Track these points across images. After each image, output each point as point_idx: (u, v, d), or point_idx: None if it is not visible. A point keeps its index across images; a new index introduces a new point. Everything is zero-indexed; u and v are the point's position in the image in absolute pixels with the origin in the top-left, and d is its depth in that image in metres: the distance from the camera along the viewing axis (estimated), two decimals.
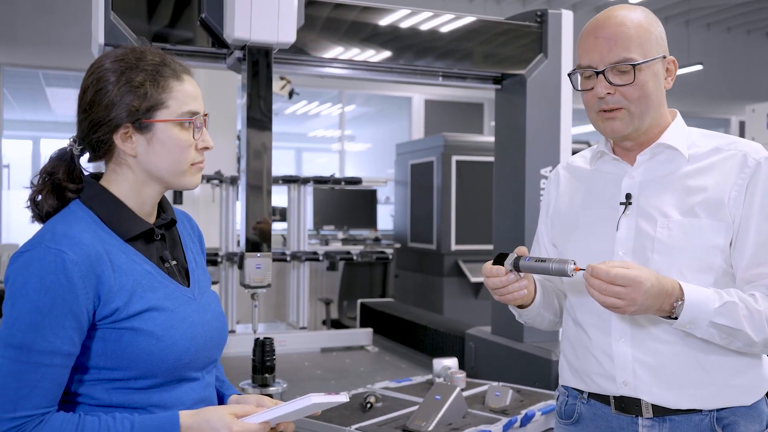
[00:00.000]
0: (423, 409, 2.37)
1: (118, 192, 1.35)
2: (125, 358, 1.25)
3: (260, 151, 2.75)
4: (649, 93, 1.51)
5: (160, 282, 1.33)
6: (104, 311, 1.25)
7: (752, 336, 1.41)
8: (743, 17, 10.63)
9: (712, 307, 1.40)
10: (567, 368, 1.67)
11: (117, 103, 1.31)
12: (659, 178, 1.55)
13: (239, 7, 2.55)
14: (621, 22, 1.51)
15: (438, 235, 6.40)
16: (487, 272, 1.51)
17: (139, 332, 1.26)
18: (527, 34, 3.31)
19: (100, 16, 2.54)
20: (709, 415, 1.49)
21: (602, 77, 1.51)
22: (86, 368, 1.26)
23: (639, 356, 1.51)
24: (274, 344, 2.77)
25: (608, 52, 1.50)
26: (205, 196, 5.82)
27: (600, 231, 1.58)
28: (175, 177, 1.37)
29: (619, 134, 1.55)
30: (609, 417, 1.56)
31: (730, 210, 1.47)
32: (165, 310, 1.30)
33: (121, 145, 1.33)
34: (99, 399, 1.26)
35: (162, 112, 1.33)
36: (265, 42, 2.65)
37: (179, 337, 1.30)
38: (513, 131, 3.37)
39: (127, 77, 1.32)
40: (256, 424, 1.25)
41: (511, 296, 1.52)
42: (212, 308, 1.42)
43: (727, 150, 1.53)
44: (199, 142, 1.38)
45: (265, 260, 2.70)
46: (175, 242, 1.45)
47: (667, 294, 1.39)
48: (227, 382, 1.54)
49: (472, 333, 3.56)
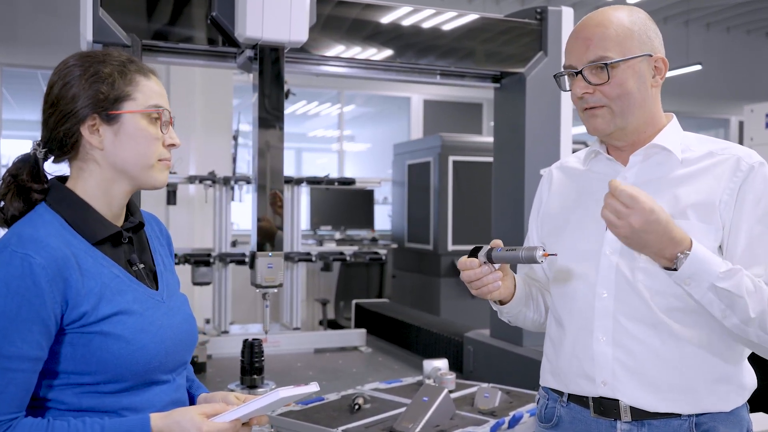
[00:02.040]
0: (410, 411, 2.37)
1: (85, 192, 1.35)
2: (94, 362, 1.24)
3: (271, 150, 2.73)
4: (630, 91, 1.50)
5: (129, 285, 1.32)
6: (72, 315, 1.24)
7: (750, 309, 1.37)
8: (743, 17, 10.60)
9: (717, 270, 1.36)
10: (548, 369, 1.66)
11: (83, 94, 1.31)
12: (652, 180, 1.54)
13: (251, 5, 2.53)
14: (600, 23, 1.52)
15: (435, 235, 6.40)
16: (462, 265, 1.52)
17: (108, 336, 1.25)
18: (527, 32, 3.27)
19: (88, 13, 2.51)
20: (688, 420, 1.47)
21: (580, 77, 1.52)
22: (55, 373, 1.25)
23: (619, 356, 1.50)
24: (268, 345, 2.76)
25: (585, 51, 1.51)
26: (199, 197, 5.82)
27: (589, 230, 1.57)
28: (143, 171, 1.36)
29: (601, 132, 1.55)
30: (588, 420, 1.55)
31: (721, 213, 1.46)
32: (134, 314, 1.29)
33: (89, 137, 1.32)
34: (69, 404, 1.26)
35: (129, 103, 1.34)
36: (277, 41, 2.63)
37: (149, 341, 1.29)
38: (512, 131, 3.33)
39: (94, 69, 1.33)
40: (226, 422, 1.25)
41: (486, 289, 1.52)
42: (181, 311, 1.42)
43: (720, 154, 1.52)
44: (166, 138, 1.38)
45: (277, 260, 2.70)
46: (143, 245, 1.45)
47: (672, 240, 1.35)
48: (197, 382, 1.54)
49: (471, 336, 3.55)
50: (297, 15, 2.61)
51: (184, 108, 6.52)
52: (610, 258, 1.52)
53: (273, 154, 2.74)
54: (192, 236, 6.19)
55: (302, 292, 4.73)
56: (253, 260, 2.69)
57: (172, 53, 2.84)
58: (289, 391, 1.26)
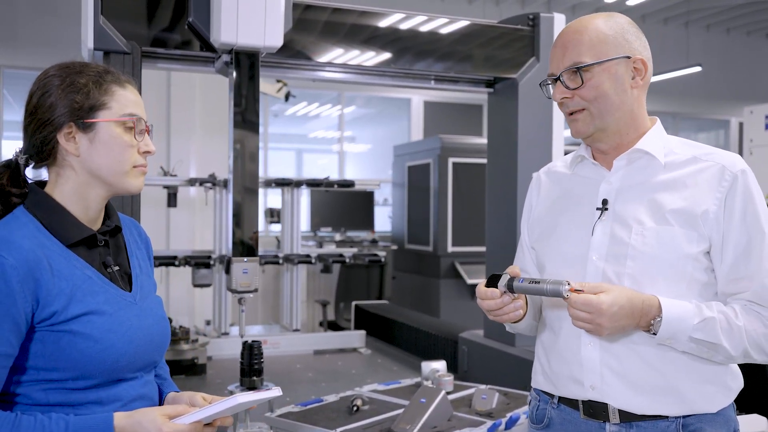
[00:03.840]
0: (408, 413, 2.39)
1: (62, 197, 1.39)
2: (63, 360, 1.29)
3: (247, 154, 2.76)
4: (606, 93, 1.53)
5: (101, 287, 1.37)
6: (43, 314, 1.29)
7: (730, 351, 1.44)
8: (743, 18, 10.60)
9: (691, 324, 1.43)
10: (540, 371, 1.68)
11: (60, 104, 1.37)
12: (635, 185, 1.56)
13: (225, 11, 2.55)
14: (577, 30, 1.56)
15: (435, 236, 6.42)
16: (482, 295, 1.52)
17: (77, 335, 1.30)
18: (519, 37, 3.32)
19: (89, 21, 2.56)
20: (675, 421, 1.49)
21: (559, 83, 1.57)
22: (25, 369, 1.30)
23: (607, 360, 1.52)
24: (268, 346, 2.78)
25: (562, 58, 1.56)
26: (200, 199, 5.85)
27: (575, 235, 1.59)
28: (117, 177, 1.41)
29: (583, 134, 1.59)
30: (578, 422, 1.58)
31: (709, 224, 1.48)
32: (104, 314, 1.34)
33: (65, 144, 1.38)
34: (36, 399, 1.30)
35: (104, 112, 1.39)
36: (252, 46, 2.65)
37: (116, 340, 1.33)
38: (505, 135, 3.37)
39: (71, 80, 1.38)
40: (186, 424, 1.29)
41: (507, 317, 1.53)
42: (154, 312, 1.46)
43: (704, 160, 1.53)
44: (141, 145, 1.43)
45: (252, 265, 2.72)
46: (119, 248, 1.49)
47: (641, 312, 1.42)
48: (169, 380, 1.58)
49: (465, 336, 3.58)
50: (272, 20, 2.63)
51: (184, 111, 6.54)
52: (596, 263, 1.54)
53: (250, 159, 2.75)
54: (192, 238, 6.22)
55: (302, 293, 4.76)
56: (229, 266, 2.72)
57: (168, 59, 2.88)
58: (248, 396, 1.32)
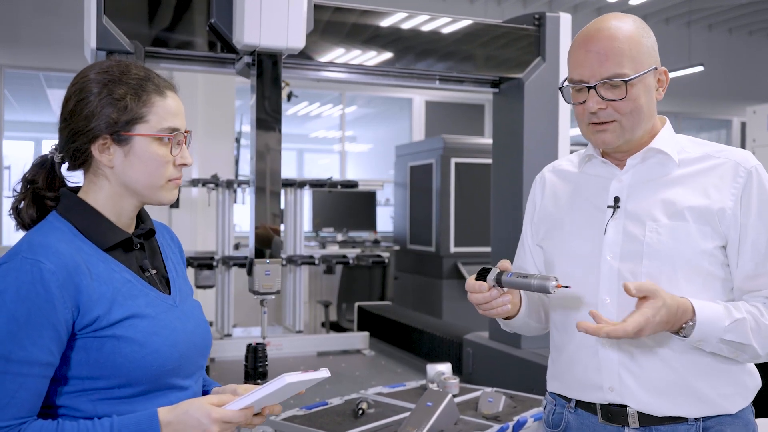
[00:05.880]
0: (414, 416, 2.36)
1: (95, 203, 1.36)
2: (108, 367, 1.25)
3: (270, 154, 2.74)
4: (641, 106, 1.50)
5: (141, 290, 1.33)
6: (84, 320, 1.25)
7: (759, 350, 1.45)
8: (745, 18, 10.59)
9: (722, 325, 1.42)
10: (554, 375, 1.66)
11: (97, 114, 1.32)
12: (648, 182, 1.54)
13: (249, 12, 2.54)
14: (613, 36, 1.49)
15: (437, 237, 6.39)
16: (470, 288, 1.50)
17: (121, 339, 1.26)
18: (525, 37, 3.29)
19: (92, 20, 2.54)
20: (695, 424, 1.48)
21: (594, 92, 1.49)
22: (69, 379, 1.26)
23: (625, 362, 1.50)
24: (271, 348, 2.77)
25: (599, 67, 1.48)
26: (202, 200, 5.83)
27: (587, 234, 1.57)
28: (151, 191, 1.37)
29: (610, 146, 1.55)
30: (596, 427, 1.55)
31: (726, 221, 1.46)
32: (147, 317, 1.30)
33: (99, 155, 1.34)
34: (84, 411, 1.26)
35: (141, 126, 1.34)
36: (275, 48, 2.64)
37: (161, 344, 1.30)
38: (510, 135, 3.35)
39: (109, 89, 1.33)
40: (236, 410, 1.25)
41: (495, 311, 1.51)
42: (195, 316, 1.43)
43: (716, 157, 1.52)
44: (177, 158, 1.38)
45: (275, 266, 2.70)
46: (154, 252, 1.46)
47: (676, 318, 1.41)
48: (208, 379, 1.55)
49: (470, 338, 3.55)
50: (294, 22, 2.61)
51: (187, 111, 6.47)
52: (611, 263, 1.52)
53: (272, 158, 2.74)
54: (195, 239, 6.20)
55: (305, 294, 4.73)
56: (251, 267, 2.70)
57: (174, 59, 2.85)
58: (296, 376, 1.24)
